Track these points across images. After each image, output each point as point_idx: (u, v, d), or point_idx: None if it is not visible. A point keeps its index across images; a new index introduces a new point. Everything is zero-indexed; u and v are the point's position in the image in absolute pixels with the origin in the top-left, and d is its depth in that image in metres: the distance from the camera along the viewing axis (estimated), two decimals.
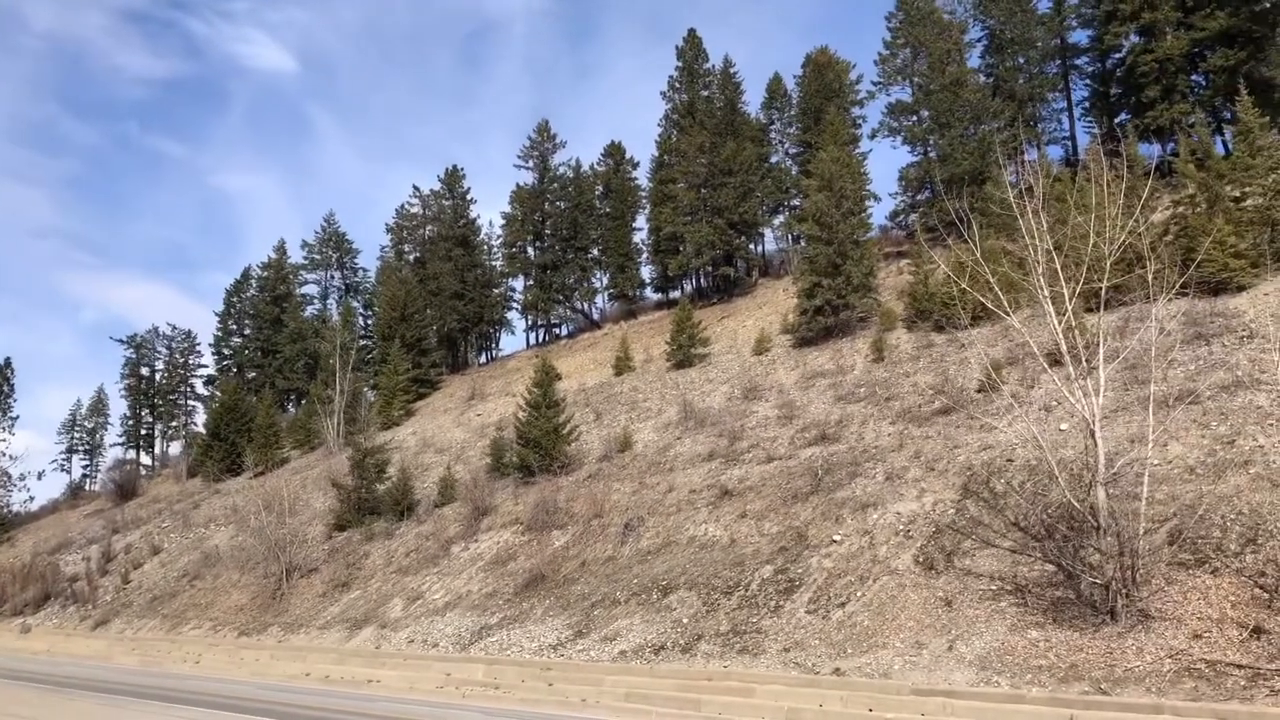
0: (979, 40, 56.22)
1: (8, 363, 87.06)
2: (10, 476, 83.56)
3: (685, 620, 24.27)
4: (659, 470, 34.94)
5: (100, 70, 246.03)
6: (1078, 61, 55.11)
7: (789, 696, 19.30)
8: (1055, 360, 21.58)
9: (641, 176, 72.01)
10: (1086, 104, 54.48)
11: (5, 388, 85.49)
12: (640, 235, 70.79)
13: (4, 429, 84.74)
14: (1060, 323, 19.69)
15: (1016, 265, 23.01)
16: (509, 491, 38.23)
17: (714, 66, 67.90)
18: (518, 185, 74.88)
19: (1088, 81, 54.46)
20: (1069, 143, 55.90)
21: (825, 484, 28.15)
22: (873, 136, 57.71)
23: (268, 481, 54.81)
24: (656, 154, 68.48)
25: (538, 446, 38.90)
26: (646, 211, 69.70)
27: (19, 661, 35.90)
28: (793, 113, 64.67)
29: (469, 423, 53.39)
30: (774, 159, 64.80)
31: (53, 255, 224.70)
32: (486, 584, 31.53)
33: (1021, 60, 54.06)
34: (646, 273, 70.79)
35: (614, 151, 74.27)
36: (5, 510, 79.49)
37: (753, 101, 67.15)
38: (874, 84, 58.78)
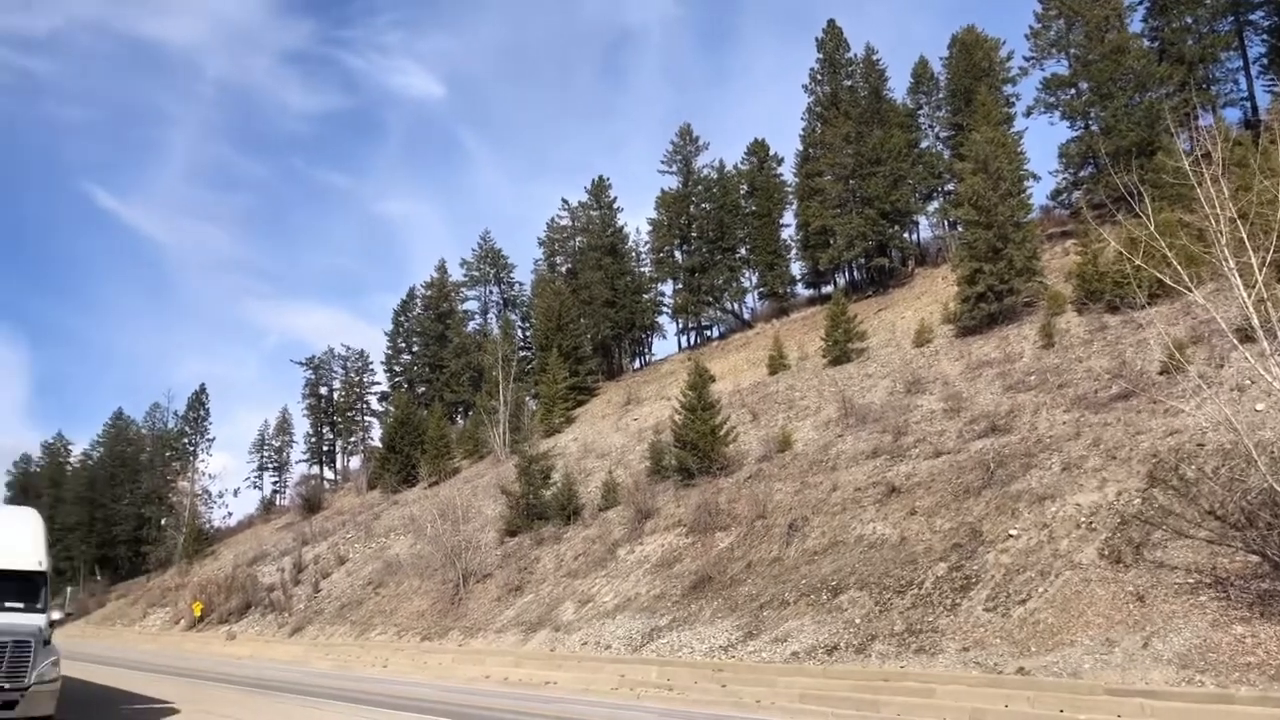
0: (1140, 3, 53.11)
1: (202, 389, 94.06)
2: (211, 494, 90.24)
3: (857, 620, 23.89)
4: (821, 469, 34.50)
5: (267, 109, 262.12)
6: (1253, 16, 51.16)
7: (971, 697, 18.73)
8: (1246, 336, 20.14)
9: (786, 172, 71.46)
10: (1264, 61, 50.52)
11: (202, 412, 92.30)
12: (788, 231, 70.25)
13: (203, 450, 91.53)
14: (1250, 295, 18.37)
15: (1196, 238, 21.64)
16: (670, 494, 38.55)
17: (856, 55, 66.58)
18: (662, 190, 75.54)
19: (1265, 37, 50.46)
20: (1247, 104, 51.92)
21: (998, 477, 27.13)
22: (1028, 114, 55.25)
23: (441, 491, 57.17)
24: (801, 148, 67.77)
25: (695, 449, 39.08)
26: (793, 207, 69.04)
27: (227, 666, 38.59)
28: (941, 96, 62.68)
29: (626, 427, 54.14)
30: (924, 144, 62.91)
31: (236, 287, 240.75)
32: (654, 586, 31.89)
33: (1189, 20, 50.63)
34: (796, 269, 70.18)
35: (757, 149, 73.88)
36: (208, 526, 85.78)
37: (897, 88, 65.37)
38: (1026, 59, 56.40)
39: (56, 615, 15.59)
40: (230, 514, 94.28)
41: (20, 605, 15.20)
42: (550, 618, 33.59)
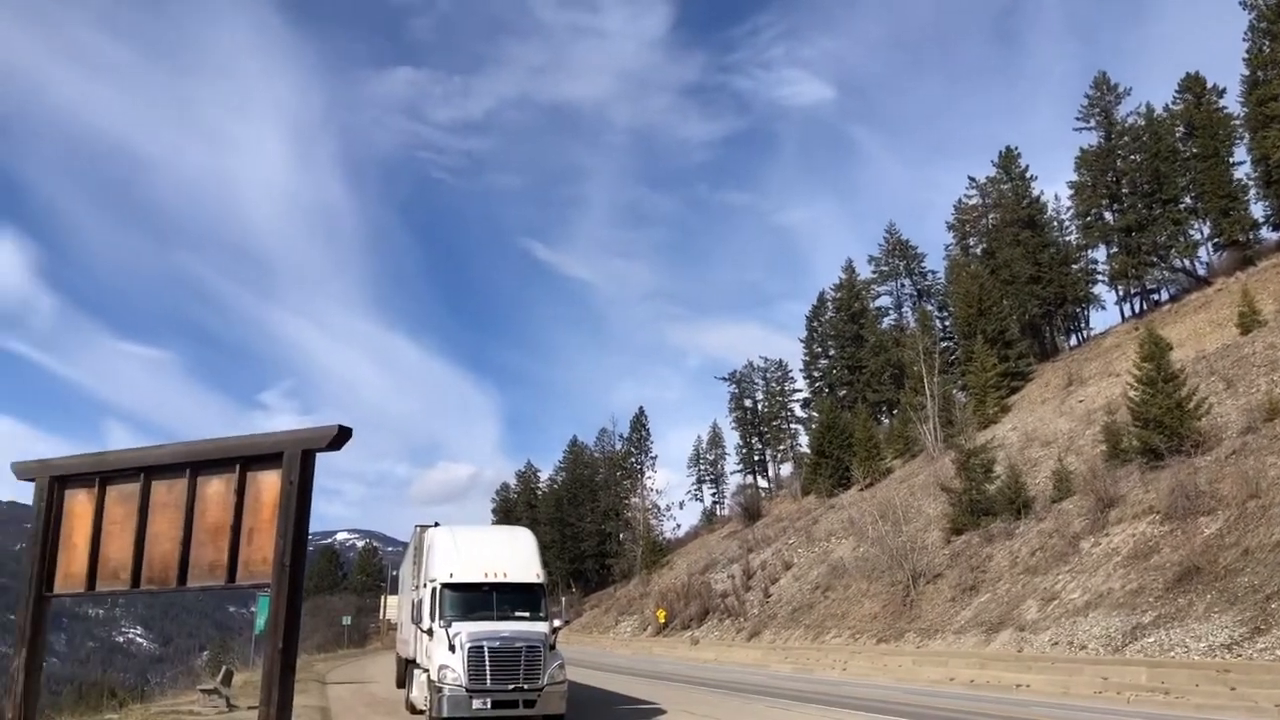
0: None
1: (641, 411, 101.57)
2: (660, 509, 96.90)
3: None
4: None
5: (670, 145, 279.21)
6: None
7: None
8: None
9: (1231, 103, 62.16)
10: None
11: (643, 433, 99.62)
12: (1242, 170, 60.92)
13: (648, 468, 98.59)
14: None
15: None
16: (1134, 479, 34.81)
17: None
18: (1081, 150, 69.04)
19: None
20: None
21: None
22: None
23: (877, 492, 56.55)
24: (1246, 72, 58.61)
25: (1160, 426, 34.94)
26: (1246, 141, 59.83)
27: (694, 669, 40.89)
28: None
29: (1071, 410, 49.91)
30: None
31: (656, 313, 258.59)
32: (1129, 580, 28.88)
33: None
34: (1259, 210, 60.62)
35: (1192, 84, 65.04)
36: (660, 538, 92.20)
37: None
38: None
39: (557, 623, 17.39)
40: (679, 526, 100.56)
41: (526, 614, 17.19)
42: (1012, 617, 31.68)
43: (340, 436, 8.38)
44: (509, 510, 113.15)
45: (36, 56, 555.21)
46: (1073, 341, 73.18)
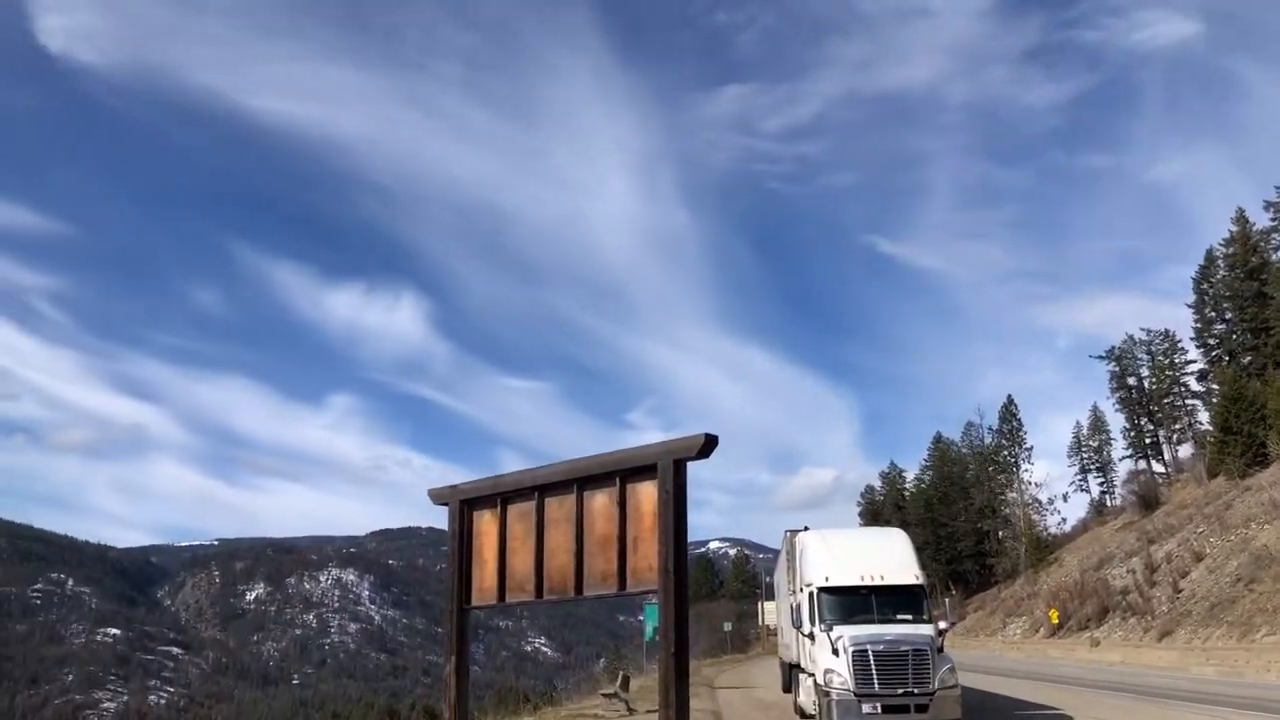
0: None
1: (1010, 400, 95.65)
2: (1041, 503, 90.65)
3: None
4: None
5: (1013, 115, 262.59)
6: None
7: None
8: None
9: None
10: None
11: (1014, 423, 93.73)
12: None
13: (1023, 460, 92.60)
14: None
15: None
16: None
17: None
18: None
19: None
20: None
21: None
22: None
23: None
24: None
25: None
26: None
27: (1097, 672, 37.64)
28: None
29: None
30: None
31: (1016, 295, 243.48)
32: None
33: None
34: None
35: None
36: (1045, 534, 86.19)
37: None
38: None
39: (943, 625, 16.74)
40: (1064, 520, 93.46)
41: (909, 616, 16.71)
42: None
43: (707, 445, 8.66)
44: (876, 513, 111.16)
45: (415, 129, 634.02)
46: None
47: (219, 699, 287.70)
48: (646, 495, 9.02)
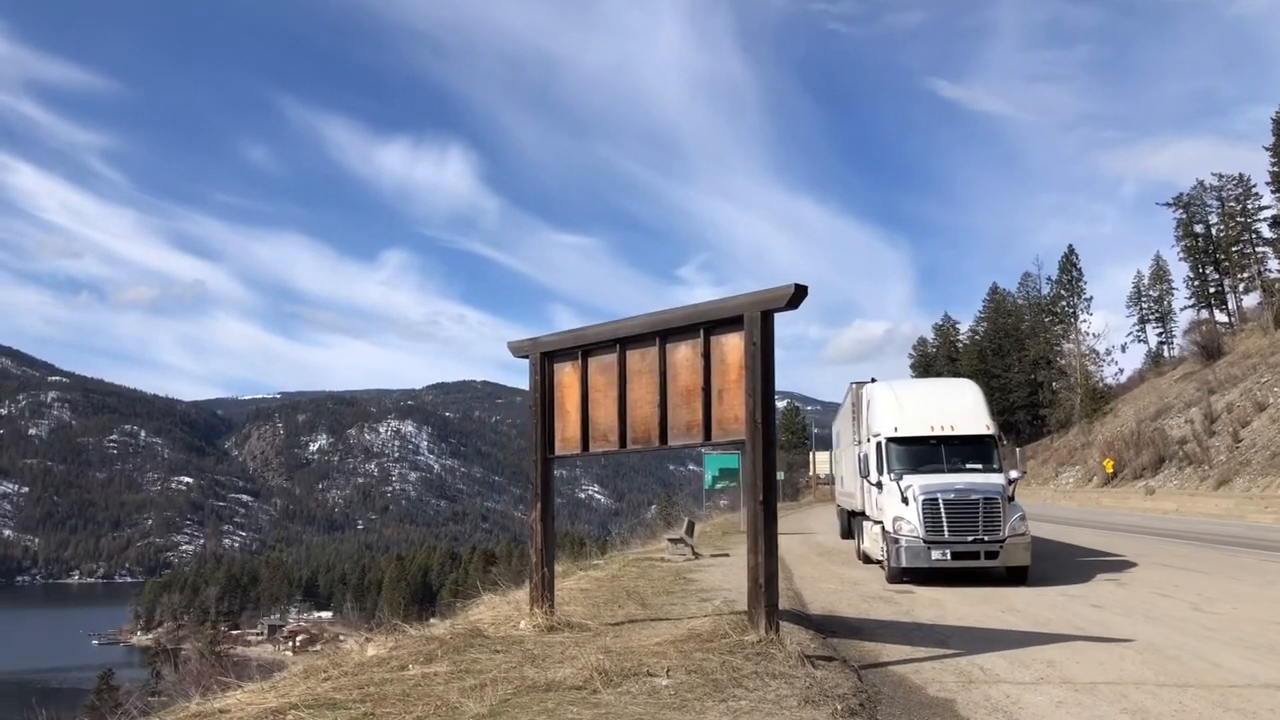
0: None
1: (1071, 250, 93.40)
2: (1099, 353, 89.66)
3: None
4: None
5: None
6: None
7: None
8: None
9: None
10: None
11: (1074, 273, 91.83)
12: None
13: (1082, 310, 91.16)
14: None
15: None
16: None
17: None
18: None
19: None
20: None
21: None
22: None
23: None
24: None
25: None
26: None
27: (1152, 520, 37.78)
28: None
29: None
30: None
31: (1083, 142, 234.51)
32: None
33: None
34: None
35: None
36: (1100, 384, 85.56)
37: None
38: None
39: (1014, 474, 16.72)
40: (1120, 370, 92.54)
41: (979, 466, 16.71)
42: None
43: (797, 295, 8.46)
44: (928, 365, 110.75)
45: None
46: None
47: (288, 543, 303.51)
48: (732, 346, 8.91)
